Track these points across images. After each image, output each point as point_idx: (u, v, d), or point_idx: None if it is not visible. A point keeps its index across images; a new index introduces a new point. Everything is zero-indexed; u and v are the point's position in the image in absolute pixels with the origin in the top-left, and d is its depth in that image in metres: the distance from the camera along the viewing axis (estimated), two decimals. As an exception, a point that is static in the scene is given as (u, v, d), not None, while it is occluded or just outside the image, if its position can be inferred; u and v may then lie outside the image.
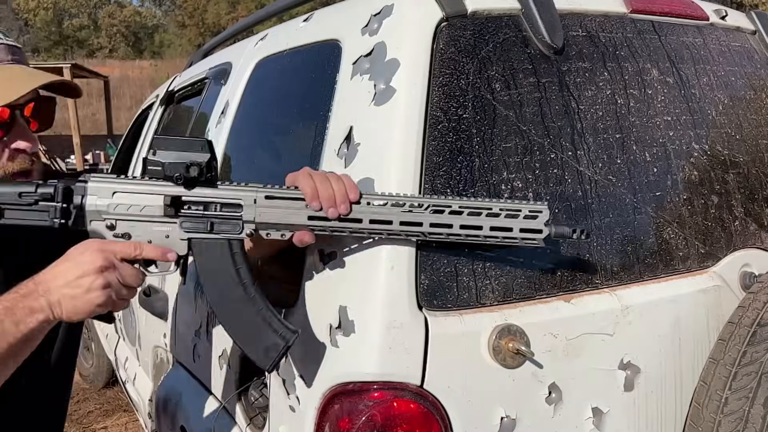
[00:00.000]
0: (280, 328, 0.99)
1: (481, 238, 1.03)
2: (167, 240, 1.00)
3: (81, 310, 0.92)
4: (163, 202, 0.98)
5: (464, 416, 1.03)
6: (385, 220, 1.00)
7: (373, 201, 1.00)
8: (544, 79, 1.21)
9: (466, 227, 1.02)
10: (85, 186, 0.98)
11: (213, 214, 1.00)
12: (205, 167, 0.97)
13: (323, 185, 0.99)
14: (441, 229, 1.01)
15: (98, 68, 18.06)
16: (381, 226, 1.00)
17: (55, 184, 0.97)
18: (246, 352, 1.02)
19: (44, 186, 0.97)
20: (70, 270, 0.92)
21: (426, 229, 1.01)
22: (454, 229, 1.01)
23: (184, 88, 2.45)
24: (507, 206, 1.02)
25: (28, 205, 0.96)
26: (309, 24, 1.49)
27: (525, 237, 1.03)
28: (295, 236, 1.02)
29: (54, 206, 0.96)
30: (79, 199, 0.98)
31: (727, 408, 1.15)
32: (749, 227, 1.39)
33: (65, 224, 0.97)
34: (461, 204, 1.01)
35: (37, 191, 0.96)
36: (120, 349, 2.80)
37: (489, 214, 1.02)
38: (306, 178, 1.01)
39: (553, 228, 1.03)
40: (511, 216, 1.02)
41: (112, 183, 0.99)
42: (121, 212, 0.99)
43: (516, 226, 1.02)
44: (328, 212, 0.99)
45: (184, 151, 0.97)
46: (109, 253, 0.94)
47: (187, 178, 0.97)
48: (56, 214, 0.96)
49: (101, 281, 0.92)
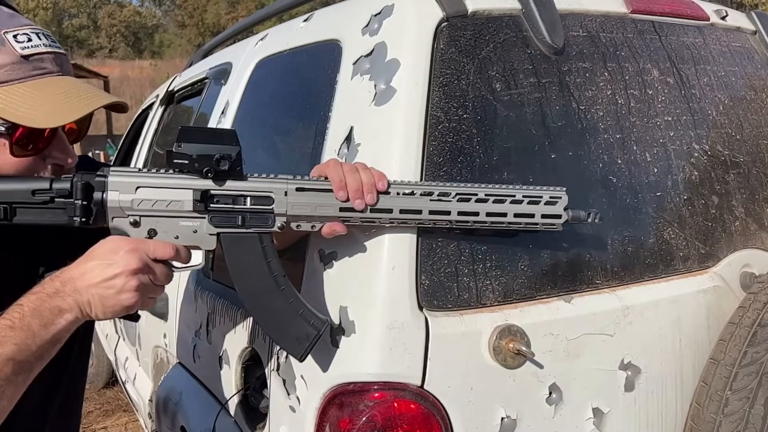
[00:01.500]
0: (311, 317, 0.98)
1: (505, 224, 1.04)
2: (195, 235, 0.97)
3: (111, 310, 0.89)
4: (192, 197, 0.94)
5: (465, 416, 1.03)
6: (415, 209, 1.00)
7: (402, 191, 1.00)
8: (544, 79, 1.21)
9: (492, 214, 1.03)
10: (105, 181, 0.92)
11: (244, 208, 0.97)
12: (236, 159, 0.93)
13: (351, 176, 0.98)
14: (468, 217, 1.02)
15: (98, 68, 18.07)
16: (411, 215, 1.01)
17: (72, 180, 0.91)
18: (278, 342, 1.01)
19: (59, 181, 0.91)
20: (101, 269, 0.88)
21: (454, 218, 1.02)
22: (480, 217, 1.02)
23: (184, 88, 2.45)
24: (529, 193, 1.04)
25: (43, 203, 0.90)
26: (309, 24, 1.49)
27: (545, 222, 1.06)
28: (325, 227, 1.01)
29: (72, 203, 0.90)
30: (99, 195, 0.92)
31: (727, 408, 1.15)
32: (750, 227, 1.39)
33: (86, 222, 0.91)
34: (487, 192, 1.02)
35: (53, 188, 0.90)
36: (120, 349, 2.80)
37: (513, 201, 1.03)
38: (335, 168, 0.99)
39: (570, 212, 1.06)
40: (533, 202, 1.04)
41: (134, 177, 0.94)
42: (146, 208, 0.94)
43: (538, 212, 1.05)
44: (354, 203, 0.98)
45: (212, 142, 0.93)
46: (143, 254, 0.90)
47: (217, 171, 0.93)
48: (75, 212, 0.90)
49: (134, 282, 0.88)
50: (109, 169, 0.94)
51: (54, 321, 0.86)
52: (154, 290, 0.94)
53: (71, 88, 0.98)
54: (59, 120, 0.94)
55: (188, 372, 1.69)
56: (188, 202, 0.95)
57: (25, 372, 0.85)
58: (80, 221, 0.91)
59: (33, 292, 0.88)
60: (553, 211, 1.06)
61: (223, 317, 1.42)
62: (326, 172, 1.00)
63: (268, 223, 0.98)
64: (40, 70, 0.96)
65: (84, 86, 1.01)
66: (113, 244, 0.90)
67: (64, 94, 0.96)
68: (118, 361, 2.81)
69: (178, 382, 1.72)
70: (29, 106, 0.92)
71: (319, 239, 1.11)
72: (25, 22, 0.99)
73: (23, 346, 0.84)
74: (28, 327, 0.84)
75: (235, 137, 0.95)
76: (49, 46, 0.98)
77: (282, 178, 0.99)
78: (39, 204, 0.90)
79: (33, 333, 0.84)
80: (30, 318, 0.85)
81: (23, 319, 0.85)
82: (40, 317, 0.85)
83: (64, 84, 0.98)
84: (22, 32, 0.95)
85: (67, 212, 0.91)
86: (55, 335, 0.87)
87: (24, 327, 0.84)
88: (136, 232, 0.95)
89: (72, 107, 0.95)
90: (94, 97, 0.98)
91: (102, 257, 0.89)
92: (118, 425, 3.36)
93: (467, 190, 1.02)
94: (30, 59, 0.95)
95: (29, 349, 0.84)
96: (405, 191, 1.00)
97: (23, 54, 0.94)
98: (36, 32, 0.97)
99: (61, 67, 1.00)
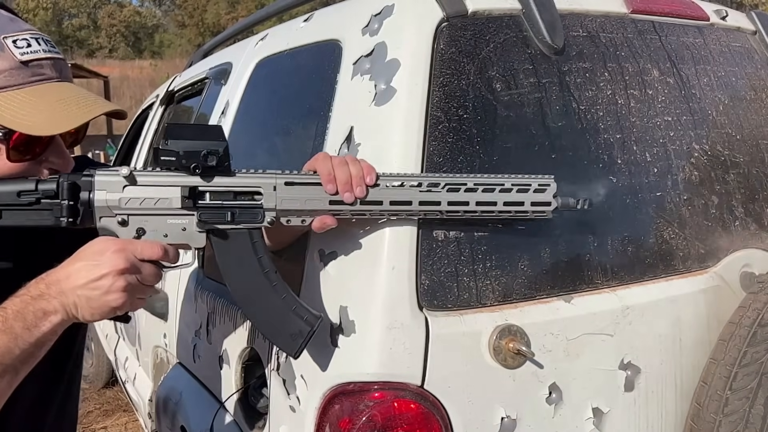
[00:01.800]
0: (304, 313, 0.98)
1: (495, 213, 1.05)
2: (184, 233, 0.96)
3: (98, 312, 0.88)
4: (180, 194, 0.93)
5: (465, 416, 1.03)
6: (404, 200, 1.00)
7: (392, 182, 1.00)
8: (544, 79, 1.21)
9: (482, 204, 1.03)
10: (91, 180, 0.92)
11: (232, 204, 0.97)
12: (223, 155, 0.93)
13: (340, 168, 0.98)
14: (458, 207, 1.03)
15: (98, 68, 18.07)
16: (401, 207, 1.01)
17: (58, 180, 0.90)
18: (271, 340, 1.01)
19: (45, 182, 0.90)
20: (88, 271, 0.87)
21: (444, 208, 1.02)
22: (470, 206, 1.03)
23: (184, 88, 2.45)
24: (518, 181, 1.05)
25: (29, 204, 0.89)
26: (309, 24, 1.49)
27: (535, 210, 1.06)
28: (315, 221, 1.01)
29: (59, 204, 0.90)
30: (86, 195, 0.91)
31: (727, 408, 1.15)
32: (749, 227, 1.40)
33: (73, 222, 0.91)
34: (476, 181, 1.03)
35: (38, 189, 0.90)
36: (120, 349, 2.80)
37: (502, 190, 1.04)
38: (324, 161, 1.00)
39: (560, 199, 1.07)
40: (522, 190, 1.05)
41: (121, 176, 0.93)
42: (134, 207, 0.93)
43: (527, 199, 1.05)
44: (344, 196, 0.98)
45: (199, 139, 0.92)
46: (130, 254, 0.89)
47: (204, 168, 0.93)
48: (62, 213, 0.90)
49: (121, 283, 0.87)
50: (96, 169, 0.94)
51: (38, 324, 0.85)
52: (142, 291, 0.92)
53: (70, 95, 0.97)
54: (57, 128, 0.93)
55: (188, 372, 1.69)
56: (176, 200, 0.94)
57: (10, 374, 0.85)
58: (67, 222, 0.90)
59: (17, 294, 0.87)
60: (543, 199, 1.06)
61: (223, 317, 1.42)
62: (315, 165, 1.00)
63: (258, 218, 0.98)
64: (39, 76, 0.95)
65: (83, 93, 1.00)
66: (100, 245, 0.89)
67: (63, 101, 0.95)
68: (118, 361, 2.81)
69: (178, 382, 1.72)
70: (27, 113, 0.91)
71: (319, 239, 1.11)
72: (25, 26, 0.98)
73: (5, 349, 0.83)
74: (11, 330, 0.84)
75: (221, 133, 0.95)
76: (49, 52, 0.97)
77: (270, 172, 0.99)
78: (25, 205, 0.90)
79: (16, 336, 0.84)
80: (13, 321, 0.84)
81: (6, 322, 0.84)
82: (24, 320, 0.84)
83: (63, 90, 0.97)
84: (22, 37, 0.95)
85: (54, 213, 0.90)
86: (40, 338, 0.86)
87: (7, 330, 0.84)
88: (124, 231, 0.94)
89: (70, 115, 0.94)
90: (93, 105, 0.98)
91: (88, 258, 0.88)
92: (118, 425, 3.36)
93: (456, 180, 1.02)
94: (29, 65, 0.94)
95: (12, 352, 0.84)
96: (394, 183, 1.00)
97: (22, 60, 0.93)
98: (35, 37, 0.96)
99: (60, 73, 0.99)
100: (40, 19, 39.02)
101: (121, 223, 0.94)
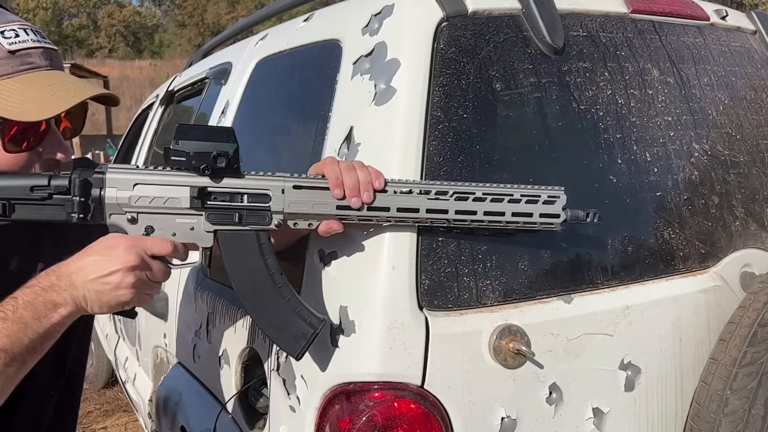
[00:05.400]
0: (308, 316, 0.99)
1: (503, 223, 1.04)
2: (192, 232, 0.97)
3: (107, 306, 0.90)
4: (189, 194, 0.95)
5: (465, 416, 1.03)
6: (412, 208, 1.00)
7: (399, 189, 1.00)
8: (544, 79, 1.21)
9: (490, 213, 1.03)
10: (102, 177, 0.93)
11: (241, 206, 0.98)
12: (233, 157, 0.93)
13: (348, 174, 0.98)
14: (466, 216, 1.02)
15: (98, 68, 18.06)
16: (408, 214, 1.01)
17: (70, 176, 0.91)
18: (274, 340, 1.01)
19: (58, 178, 0.91)
20: (99, 265, 0.88)
21: (451, 216, 1.02)
22: (478, 216, 1.03)
23: (184, 88, 2.45)
24: (527, 192, 1.04)
25: (41, 199, 0.91)
26: (309, 24, 1.49)
27: (544, 222, 1.06)
28: (322, 225, 1.01)
29: (71, 200, 0.91)
30: (97, 192, 0.93)
31: (727, 408, 1.15)
32: (750, 227, 1.39)
33: (83, 219, 0.92)
34: (485, 191, 1.02)
35: (51, 184, 0.91)
36: (120, 349, 2.80)
37: (511, 200, 1.03)
38: (331, 166, 1.00)
39: (569, 212, 1.06)
40: (531, 201, 1.04)
41: (132, 174, 0.94)
42: (143, 205, 0.94)
43: (536, 211, 1.05)
44: (351, 201, 0.98)
45: (209, 140, 0.93)
46: (140, 250, 0.91)
47: (214, 169, 0.94)
48: (73, 209, 0.91)
49: (131, 279, 0.89)
50: (108, 166, 0.95)
51: (48, 314, 0.87)
52: (150, 287, 0.94)
53: (59, 82, 0.99)
54: (47, 112, 0.95)
55: (188, 372, 1.69)
56: (185, 199, 0.95)
57: (17, 364, 0.85)
58: (78, 217, 0.92)
59: (28, 285, 0.88)
60: (552, 211, 1.06)
61: (223, 317, 1.42)
62: (323, 169, 1.00)
63: (265, 220, 0.99)
64: (27, 65, 0.97)
65: (72, 79, 1.02)
66: (111, 241, 0.91)
67: (51, 87, 0.97)
68: (118, 361, 2.81)
69: (178, 382, 1.72)
70: (17, 100, 0.93)
71: (319, 239, 1.11)
72: (13, 18, 0.99)
73: (14, 338, 0.84)
74: (21, 319, 0.85)
75: (232, 134, 0.95)
76: (37, 42, 0.99)
77: (279, 175, 0.99)
78: (38, 200, 0.91)
79: (26, 325, 0.85)
80: (23, 310, 0.85)
81: (16, 312, 0.85)
82: (34, 310, 0.86)
83: (52, 78, 0.99)
84: (9, 28, 0.97)
85: (66, 209, 0.92)
86: (49, 329, 0.87)
87: (17, 319, 0.85)
88: (133, 228, 0.95)
89: (59, 99, 0.96)
90: (81, 89, 0.99)
91: (100, 253, 0.90)
92: (118, 425, 3.36)
93: (465, 189, 1.02)
94: (17, 54, 0.96)
95: (21, 341, 0.85)
96: (402, 189, 1.00)
97: (10, 50, 0.96)
98: (24, 28, 0.98)
99: (50, 62, 1.00)
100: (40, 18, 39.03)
101: (130, 221, 0.95)
